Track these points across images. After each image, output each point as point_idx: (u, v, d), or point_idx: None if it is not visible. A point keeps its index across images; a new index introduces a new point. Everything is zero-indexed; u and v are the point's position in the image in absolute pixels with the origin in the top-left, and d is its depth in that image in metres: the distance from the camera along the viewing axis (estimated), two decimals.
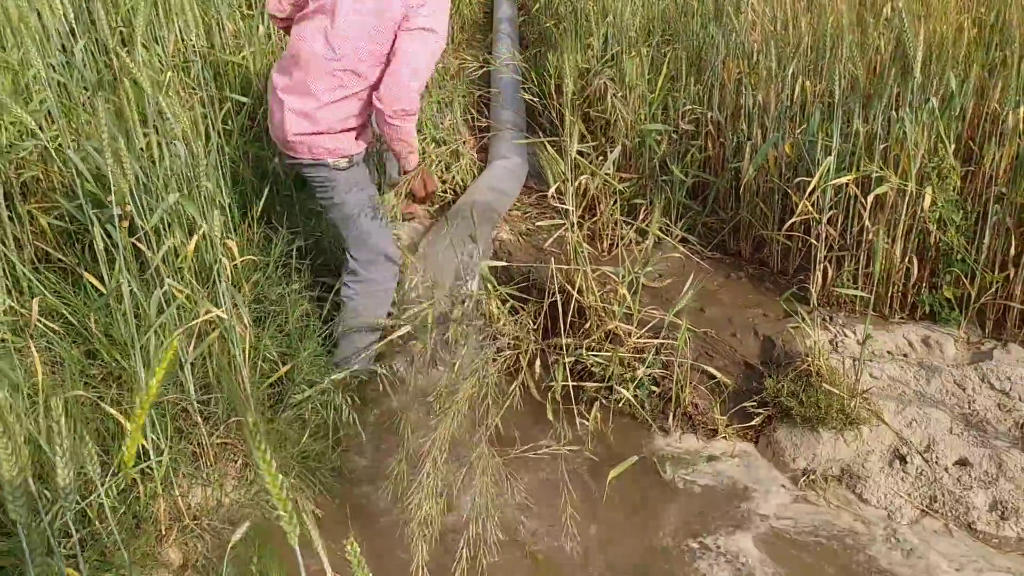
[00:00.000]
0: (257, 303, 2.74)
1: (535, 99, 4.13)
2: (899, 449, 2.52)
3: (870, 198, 2.79)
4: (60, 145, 2.47)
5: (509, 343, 2.81)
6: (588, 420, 2.68)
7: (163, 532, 2.22)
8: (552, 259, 2.94)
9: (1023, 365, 2.70)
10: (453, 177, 3.58)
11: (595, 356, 2.81)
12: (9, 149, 2.58)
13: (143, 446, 2.08)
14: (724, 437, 2.71)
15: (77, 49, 2.91)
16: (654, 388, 2.80)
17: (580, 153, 3.29)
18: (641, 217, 3.42)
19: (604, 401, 2.79)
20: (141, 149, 2.38)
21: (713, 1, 3.65)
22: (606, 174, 3.27)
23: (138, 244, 2.10)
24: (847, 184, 2.86)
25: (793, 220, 2.92)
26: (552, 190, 2.85)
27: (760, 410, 2.72)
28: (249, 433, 0.73)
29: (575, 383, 2.79)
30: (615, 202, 3.40)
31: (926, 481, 2.45)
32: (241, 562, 1.95)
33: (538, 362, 2.83)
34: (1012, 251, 2.79)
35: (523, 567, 2.23)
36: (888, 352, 2.85)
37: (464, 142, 3.84)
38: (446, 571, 2.14)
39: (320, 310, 2.90)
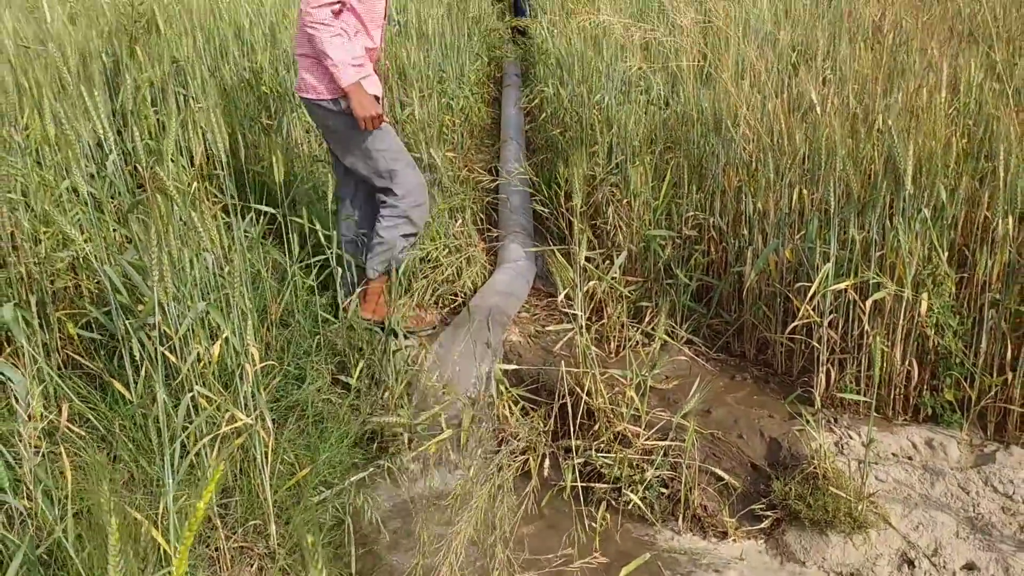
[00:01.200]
0: (275, 402, 2.81)
1: (544, 208, 4.28)
2: (907, 553, 2.55)
3: (868, 303, 2.88)
4: (89, 256, 2.58)
5: (521, 446, 2.86)
6: (597, 522, 2.72)
7: None
8: (562, 362, 3.02)
9: None
10: (464, 283, 3.69)
11: (604, 457, 2.86)
12: (44, 260, 2.70)
13: (165, 550, 2.12)
14: (734, 540, 2.73)
15: (108, 163, 3.08)
16: (663, 490, 2.83)
17: (588, 259, 3.41)
18: (647, 319, 3.51)
19: (613, 502, 2.82)
20: (170, 257, 2.50)
21: (712, 113, 3.84)
22: (612, 278, 3.38)
23: (168, 355, 2.19)
24: (846, 289, 2.96)
25: (796, 324, 3.01)
26: (561, 296, 2.95)
27: (769, 512, 2.75)
28: (310, 558, 0.79)
29: (584, 484, 2.83)
30: (622, 305, 3.50)
31: None
32: None
33: (547, 463, 2.88)
34: (1008, 355, 2.86)
35: None
36: (893, 454, 2.90)
37: (475, 246, 3.97)
38: None
39: (336, 408, 2.97)
